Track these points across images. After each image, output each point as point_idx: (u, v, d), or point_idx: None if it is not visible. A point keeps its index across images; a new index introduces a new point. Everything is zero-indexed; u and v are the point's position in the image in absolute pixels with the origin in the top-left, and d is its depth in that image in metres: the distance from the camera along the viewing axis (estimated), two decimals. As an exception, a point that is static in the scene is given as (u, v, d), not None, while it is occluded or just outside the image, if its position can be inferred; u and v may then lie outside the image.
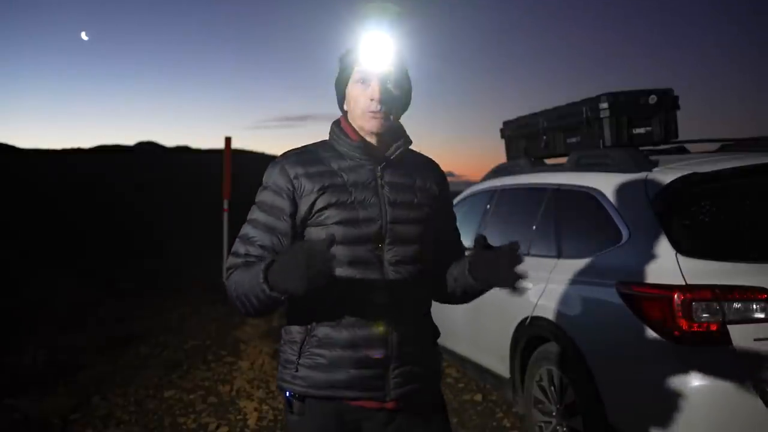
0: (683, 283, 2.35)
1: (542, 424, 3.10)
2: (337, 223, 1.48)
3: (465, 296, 1.69)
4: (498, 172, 4.24)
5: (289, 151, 1.58)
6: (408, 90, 1.59)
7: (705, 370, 2.29)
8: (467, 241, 4.63)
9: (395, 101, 1.54)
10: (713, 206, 2.61)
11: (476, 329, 3.81)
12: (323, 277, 1.29)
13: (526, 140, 4.16)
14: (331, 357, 1.50)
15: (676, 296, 2.34)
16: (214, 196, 10.68)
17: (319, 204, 1.48)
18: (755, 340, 2.29)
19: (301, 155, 1.55)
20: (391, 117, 1.54)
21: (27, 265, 10.03)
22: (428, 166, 1.70)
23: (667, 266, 2.44)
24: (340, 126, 1.60)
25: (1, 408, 4.31)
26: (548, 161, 3.99)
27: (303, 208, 1.49)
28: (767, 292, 2.30)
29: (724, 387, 2.28)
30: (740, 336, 2.29)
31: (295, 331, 1.56)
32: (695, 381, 2.29)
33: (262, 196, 1.54)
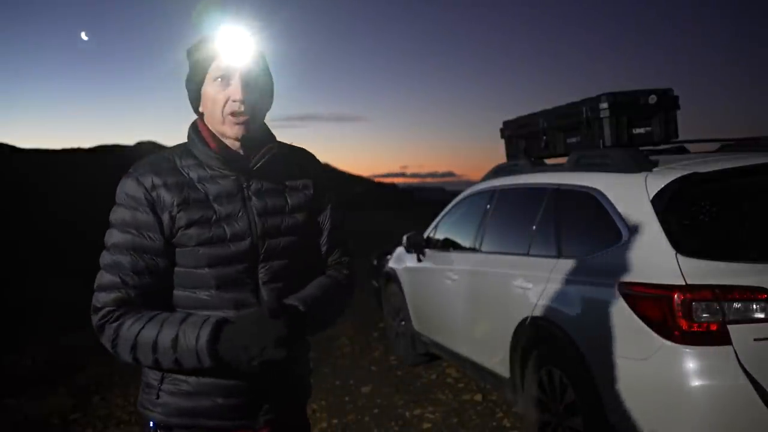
0: (683, 283, 2.35)
1: (542, 424, 3.10)
2: (202, 243, 1.32)
3: None
4: (498, 172, 4.24)
5: (140, 161, 1.39)
6: (271, 88, 1.41)
7: (705, 370, 2.29)
8: (467, 241, 4.62)
9: (260, 100, 1.37)
10: (713, 206, 2.61)
11: (476, 329, 3.80)
12: (273, 358, 1.21)
13: (526, 140, 4.16)
14: (197, 383, 1.36)
15: (676, 296, 2.34)
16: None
17: (181, 221, 1.31)
18: (755, 340, 2.28)
19: (155, 165, 1.35)
20: (257, 119, 1.38)
21: (27, 265, 10.02)
22: (300, 160, 1.50)
23: (667, 266, 2.43)
24: (197, 130, 1.40)
25: (1, 408, 4.32)
26: (548, 161, 3.99)
27: (165, 223, 1.32)
28: (767, 292, 2.30)
29: (724, 387, 2.28)
30: (740, 336, 2.28)
31: None
32: (695, 381, 2.29)
33: (119, 214, 1.34)
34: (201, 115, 1.41)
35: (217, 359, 1.25)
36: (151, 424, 1.41)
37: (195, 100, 1.40)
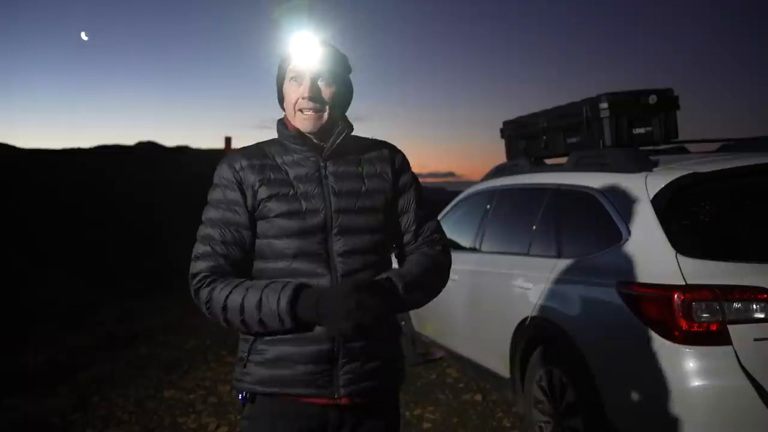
0: (683, 283, 2.35)
1: (542, 424, 3.10)
2: (280, 215, 1.49)
3: None
4: (498, 172, 4.24)
5: (235, 150, 1.60)
6: (348, 85, 1.59)
7: (705, 370, 2.29)
8: (467, 241, 4.61)
9: (329, 99, 1.53)
10: (713, 206, 2.61)
11: (476, 329, 3.81)
12: (363, 324, 1.33)
13: (526, 140, 4.16)
14: (276, 352, 1.48)
15: (676, 296, 2.34)
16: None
17: (262, 194, 1.50)
18: (755, 340, 2.29)
19: (246, 150, 1.58)
20: (326, 115, 1.52)
21: (27, 265, 10.02)
22: (380, 150, 1.64)
23: (667, 266, 2.44)
24: (283, 122, 1.61)
25: (1, 408, 4.32)
26: (548, 161, 3.99)
27: (249, 199, 1.51)
28: (767, 292, 2.30)
29: (724, 387, 2.28)
30: (740, 336, 2.29)
31: None
32: (695, 381, 2.29)
33: (214, 194, 1.55)
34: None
35: (297, 319, 1.40)
36: (240, 396, 1.54)
37: (279, 97, 1.60)
